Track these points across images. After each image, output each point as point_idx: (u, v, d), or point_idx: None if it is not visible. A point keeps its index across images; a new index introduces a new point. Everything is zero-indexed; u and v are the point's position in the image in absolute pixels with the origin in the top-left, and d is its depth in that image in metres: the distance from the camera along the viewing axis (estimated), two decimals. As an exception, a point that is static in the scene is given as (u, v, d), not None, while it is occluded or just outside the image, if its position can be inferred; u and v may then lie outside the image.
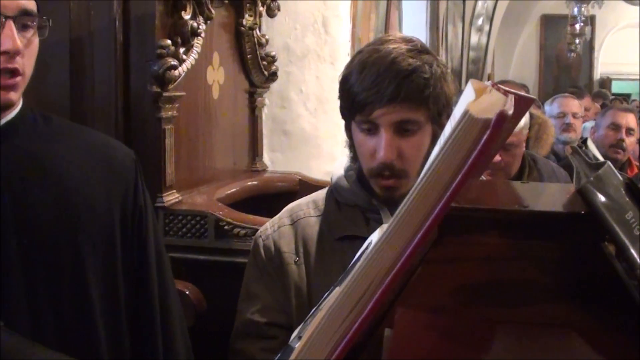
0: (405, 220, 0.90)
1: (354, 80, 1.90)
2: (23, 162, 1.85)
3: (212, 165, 3.33)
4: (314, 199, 2.14)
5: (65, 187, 1.89)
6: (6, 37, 1.73)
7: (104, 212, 1.95)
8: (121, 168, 2.02)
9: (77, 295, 1.88)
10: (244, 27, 3.50)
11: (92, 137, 2.07)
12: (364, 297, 0.91)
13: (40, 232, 1.83)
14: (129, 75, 2.84)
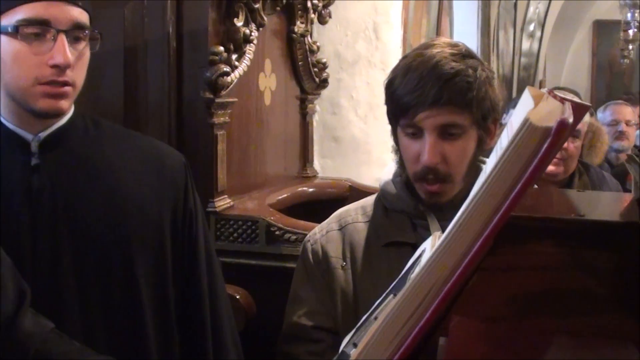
0: (464, 228, 0.90)
1: (397, 83, 1.90)
2: (75, 167, 1.89)
3: (263, 171, 3.35)
4: (362, 205, 2.14)
5: (116, 191, 1.92)
6: (58, 51, 1.77)
7: (155, 216, 1.97)
8: (172, 173, 2.04)
9: (127, 298, 1.92)
10: (295, 34, 3.52)
11: (143, 141, 2.11)
12: (422, 306, 0.91)
13: (92, 235, 1.87)
14: (182, 82, 2.87)
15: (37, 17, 1.77)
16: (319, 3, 3.61)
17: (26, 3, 1.77)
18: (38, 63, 1.78)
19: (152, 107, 2.85)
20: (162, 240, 1.98)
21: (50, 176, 1.86)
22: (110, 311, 1.90)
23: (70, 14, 1.80)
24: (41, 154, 1.86)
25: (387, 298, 1.21)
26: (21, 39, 1.77)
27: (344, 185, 3.66)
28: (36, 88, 1.79)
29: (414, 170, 1.92)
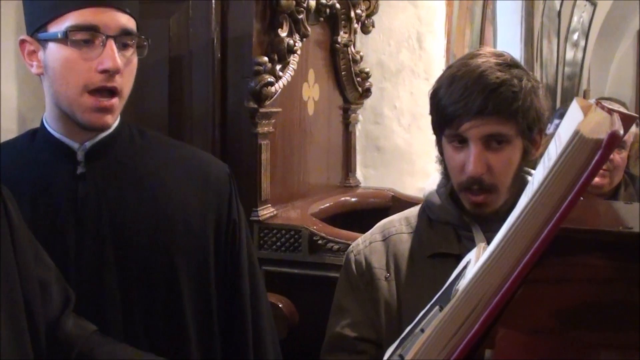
0: (514, 240, 0.90)
1: (442, 93, 1.89)
2: (120, 176, 1.91)
3: (306, 180, 3.36)
4: (406, 215, 2.14)
5: (161, 200, 1.94)
6: (107, 56, 1.79)
7: (199, 226, 1.98)
8: (216, 182, 2.05)
9: (170, 307, 1.93)
10: (338, 44, 3.53)
11: (187, 151, 2.12)
12: (470, 318, 0.91)
13: (135, 244, 1.89)
14: (226, 92, 2.90)
15: (86, 23, 1.78)
16: (362, 13, 3.62)
17: (75, 10, 1.78)
18: (87, 69, 1.79)
19: (197, 117, 2.88)
20: (205, 250, 1.99)
21: (96, 185, 1.88)
22: (153, 320, 1.91)
23: (118, 21, 1.82)
24: (87, 163, 1.89)
25: (433, 310, 1.20)
26: (71, 45, 1.79)
27: (387, 195, 3.66)
28: (84, 98, 1.81)
29: (459, 181, 1.91)
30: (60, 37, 1.79)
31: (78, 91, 1.80)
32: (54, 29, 1.80)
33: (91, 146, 1.90)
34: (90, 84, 1.80)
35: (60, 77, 1.82)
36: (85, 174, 1.88)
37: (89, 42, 1.79)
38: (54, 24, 1.80)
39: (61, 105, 1.85)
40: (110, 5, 1.81)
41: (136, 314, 1.89)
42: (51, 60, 1.82)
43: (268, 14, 2.94)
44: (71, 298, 1.75)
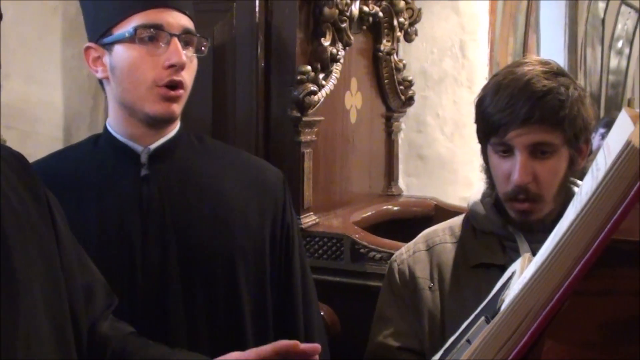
0: (564, 252, 0.89)
1: (488, 102, 1.88)
2: (182, 178, 1.99)
3: (348, 188, 3.36)
4: (450, 225, 2.13)
5: (221, 202, 2.00)
6: (172, 52, 1.88)
7: (257, 228, 2.04)
8: (272, 187, 2.12)
9: (230, 306, 1.98)
10: (381, 53, 3.53)
11: (243, 157, 2.19)
12: (519, 330, 0.90)
13: (198, 244, 1.95)
14: (269, 100, 2.91)
15: (151, 22, 1.88)
16: (405, 21, 3.61)
17: (140, 11, 1.88)
18: (154, 65, 1.88)
19: (240, 125, 2.89)
20: (262, 252, 2.05)
21: (159, 186, 1.95)
22: (214, 318, 1.97)
23: (180, 20, 1.91)
24: (150, 165, 1.96)
25: (478, 320, 1.20)
26: (138, 43, 1.88)
27: (429, 204, 3.64)
28: (153, 90, 1.89)
29: (505, 190, 1.90)
30: (128, 36, 1.88)
31: (146, 86, 1.89)
32: (119, 31, 1.90)
33: (154, 149, 1.97)
34: (159, 79, 1.89)
35: (128, 74, 1.90)
36: (149, 175, 1.96)
37: (154, 40, 1.89)
38: (119, 27, 1.90)
39: (129, 102, 1.93)
40: (172, 7, 1.91)
41: (198, 313, 1.94)
42: (118, 61, 1.91)
43: (311, 23, 2.96)
44: (113, 302, 1.78)
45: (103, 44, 1.93)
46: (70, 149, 2.16)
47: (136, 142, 1.97)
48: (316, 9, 2.94)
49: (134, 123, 1.96)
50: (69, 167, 2.01)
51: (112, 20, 1.91)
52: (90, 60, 1.97)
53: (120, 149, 1.98)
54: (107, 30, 1.92)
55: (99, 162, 1.99)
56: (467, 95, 4.05)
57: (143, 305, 1.89)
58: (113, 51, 1.91)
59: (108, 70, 1.94)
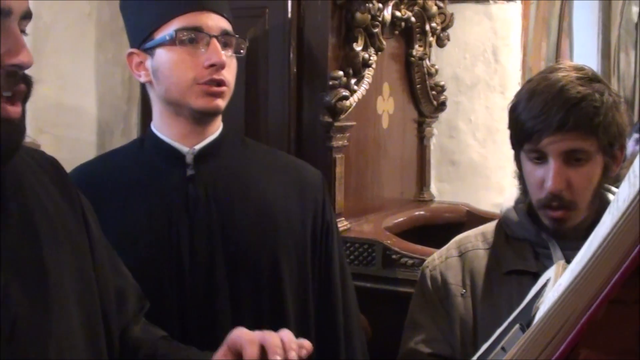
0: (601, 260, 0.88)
1: (522, 108, 1.87)
2: (226, 178, 2.04)
3: (380, 194, 3.35)
4: (483, 231, 2.11)
5: (265, 201, 2.06)
6: (212, 52, 1.95)
7: (299, 226, 2.10)
8: (312, 186, 2.17)
9: (274, 304, 2.03)
10: (413, 58, 3.52)
11: (284, 158, 2.29)
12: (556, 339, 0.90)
13: (243, 242, 2.00)
14: (301, 106, 2.92)
15: (191, 25, 1.95)
16: (437, 26, 3.61)
17: (180, 15, 1.95)
18: (195, 66, 1.95)
19: (273, 131, 2.90)
20: (304, 250, 2.10)
21: (205, 186, 2.01)
22: (259, 316, 2.00)
23: (218, 22, 1.98)
24: (195, 165, 2.02)
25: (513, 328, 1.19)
26: (179, 44, 1.95)
27: (461, 210, 3.64)
28: (195, 87, 1.95)
29: (538, 197, 1.88)
30: (169, 39, 1.95)
31: (189, 84, 1.95)
32: (160, 35, 1.97)
33: (199, 150, 2.03)
34: (200, 77, 1.95)
35: (170, 74, 1.97)
36: (195, 176, 2.01)
37: (194, 41, 1.95)
38: (159, 31, 1.97)
39: (173, 100, 1.99)
40: (210, 9, 1.98)
41: (244, 311, 1.99)
42: (160, 64, 1.98)
43: (343, 28, 2.96)
44: (145, 306, 1.79)
45: (145, 48, 2.00)
46: (116, 152, 2.23)
47: (181, 143, 2.03)
48: (348, 14, 2.95)
49: (180, 122, 2.02)
50: (116, 168, 2.08)
51: (153, 25, 1.98)
52: (133, 65, 2.05)
53: (165, 150, 2.04)
54: (149, 35, 1.99)
55: (145, 164, 2.05)
56: (500, 100, 4.03)
57: (191, 302, 1.95)
58: (155, 55, 1.98)
59: (150, 74, 2.01)
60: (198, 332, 1.94)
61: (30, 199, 1.47)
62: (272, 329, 1.94)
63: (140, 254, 1.94)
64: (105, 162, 2.16)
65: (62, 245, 1.49)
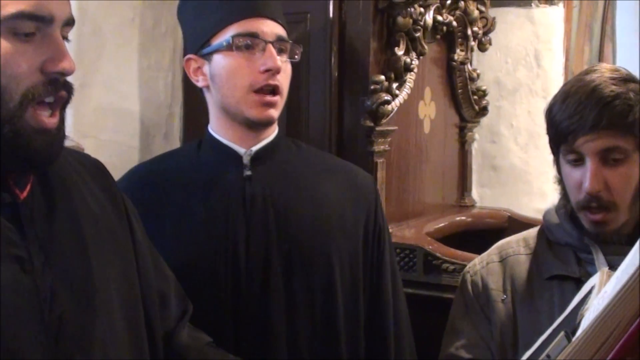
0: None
1: (557, 109, 1.87)
2: (282, 178, 2.10)
3: (421, 199, 3.35)
4: (524, 236, 2.10)
5: (319, 201, 2.11)
6: (267, 57, 2.01)
7: (351, 228, 2.14)
8: (364, 189, 2.22)
9: (326, 303, 2.08)
10: (455, 62, 3.51)
11: (337, 161, 2.36)
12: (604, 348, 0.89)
13: (298, 241, 2.06)
14: (343, 110, 2.92)
15: (247, 31, 2.02)
16: (479, 30, 3.60)
17: (236, 22, 2.03)
18: (251, 71, 2.01)
19: (314, 135, 2.90)
20: (356, 251, 2.15)
21: (262, 186, 2.07)
22: (311, 314, 2.06)
23: (274, 29, 2.05)
24: (252, 166, 2.09)
25: (558, 335, 1.18)
26: (235, 50, 2.02)
27: (503, 216, 3.62)
28: (250, 96, 2.02)
29: (577, 199, 1.87)
30: (226, 45, 2.02)
31: (244, 91, 2.02)
32: (217, 41, 2.04)
33: (256, 151, 2.10)
34: (255, 82, 2.01)
35: (227, 80, 2.04)
36: (252, 176, 2.08)
37: (251, 47, 2.02)
38: (216, 37, 2.05)
39: (229, 107, 2.06)
40: (266, 16, 2.05)
41: (298, 308, 2.05)
42: (217, 69, 2.05)
43: (385, 32, 2.96)
44: (188, 309, 1.81)
45: (202, 54, 2.07)
46: (175, 152, 2.36)
47: (239, 144, 2.09)
48: (390, 18, 2.95)
49: (235, 127, 2.08)
50: (175, 168, 2.15)
51: (210, 32, 2.05)
52: (191, 70, 2.12)
53: (223, 151, 2.10)
54: (206, 42, 2.06)
55: (203, 164, 2.12)
56: (542, 105, 3.95)
57: (245, 298, 2.00)
58: (212, 60, 2.05)
59: (208, 79, 2.08)
60: (251, 328, 2.00)
61: (77, 202, 1.49)
62: (323, 328, 2.03)
63: (198, 250, 2.02)
64: (165, 162, 2.23)
65: (107, 248, 1.51)
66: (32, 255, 1.34)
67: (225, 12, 2.03)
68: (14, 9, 1.28)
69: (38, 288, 1.33)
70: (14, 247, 1.32)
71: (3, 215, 1.34)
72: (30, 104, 1.31)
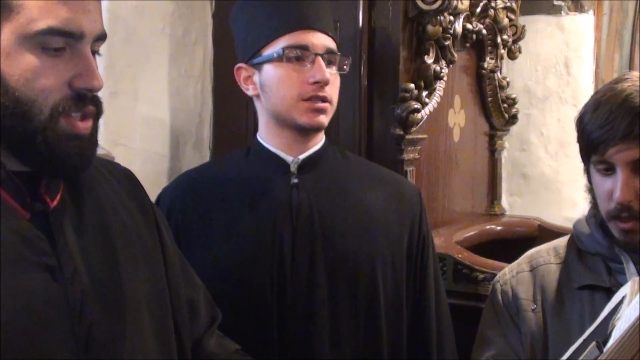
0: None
1: (587, 119, 1.85)
2: (328, 186, 2.14)
3: (451, 207, 3.34)
4: (555, 246, 2.09)
5: (364, 210, 2.14)
6: (317, 69, 2.06)
7: (396, 237, 2.16)
8: (410, 199, 2.24)
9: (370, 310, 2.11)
10: (485, 70, 3.51)
11: (382, 171, 2.35)
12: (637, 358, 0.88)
13: (342, 249, 2.09)
14: (372, 118, 2.92)
15: (298, 43, 2.07)
16: (509, 38, 3.59)
17: (287, 33, 2.07)
18: (300, 82, 2.06)
19: (344, 143, 2.89)
20: (400, 260, 2.18)
21: (308, 194, 2.12)
22: (354, 322, 2.09)
23: (324, 41, 2.10)
24: (299, 174, 2.14)
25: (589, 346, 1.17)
26: (286, 61, 2.07)
27: (533, 224, 3.60)
28: (300, 104, 2.07)
29: (607, 209, 1.86)
30: (277, 56, 2.07)
31: (294, 100, 2.07)
32: (268, 52, 2.10)
33: (303, 159, 2.14)
34: (304, 93, 2.07)
35: (277, 90, 2.09)
36: (298, 184, 2.12)
37: (300, 59, 2.07)
38: (267, 48, 2.10)
39: (279, 114, 2.11)
40: (316, 28, 2.09)
41: (341, 315, 2.08)
42: (267, 79, 2.10)
43: (415, 41, 2.96)
44: (217, 318, 1.81)
45: (253, 64, 2.13)
46: (223, 158, 2.43)
47: (286, 152, 2.14)
48: (420, 27, 2.94)
49: (285, 134, 2.13)
50: (223, 174, 2.21)
51: (262, 42, 2.10)
52: (241, 79, 2.17)
53: (271, 159, 2.15)
54: (257, 52, 2.11)
55: (251, 170, 2.17)
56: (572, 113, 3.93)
57: (290, 302, 2.04)
58: (262, 70, 2.11)
59: (258, 88, 2.13)
60: (295, 335, 2.03)
61: (107, 211, 1.50)
62: (366, 336, 2.06)
63: (245, 256, 2.06)
64: (213, 169, 2.31)
65: (136, 256, 1.51)
66: (62, 264, 1.35)
67: (277, 23, 2.08)
68: (44, 24, 1.29)
69: (68, 297, 1.34)
70: (44, 256, 1.33)
71: (34, 223, 1.35)
72: (60, 116, 1.32)
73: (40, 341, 1.29)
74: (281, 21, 2.08)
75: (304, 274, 2.05)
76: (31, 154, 1.33)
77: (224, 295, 1.97)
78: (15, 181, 1.35)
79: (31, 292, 1.30)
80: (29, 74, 1.30)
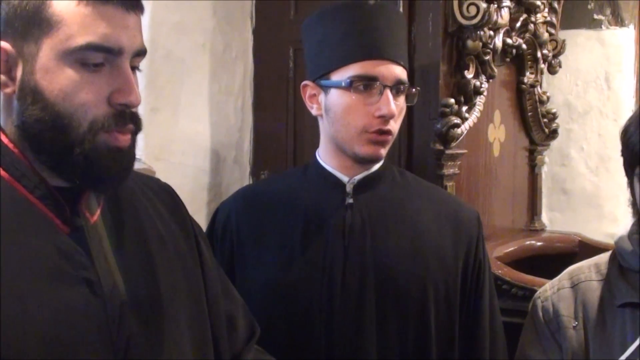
0: None
1: (632, 131, 1.84)
2: (383, 208, 2.13)
3: (491, 222, 3.33)
4: (596, 262, 2.07)
5: (418, 234, 2.12)
6: (384, 103, 2.02)
7: (450, 261, 2.13)
8: (467, 224, 2.20)
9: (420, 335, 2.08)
10: (524, 85, 3.50)
11: (441, 193, 2.37)
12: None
13: (393, 271, 2.07)
14: (412, 133, 2.93)
15: (367, 74, 2.03)
16: (549, 53, 3.58)
17: (358, 61, 2.03)
18: (366, 113, 2.03)
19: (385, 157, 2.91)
20: (454, 285, 2.13)
21: (361, 214, 2.10)
22: (404, 345, 2.06)
23: (394, 72, 2.05)
24: (354, 194, 2.12)
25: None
26: (353, 92, 2.03)
27: (573, 240, 3.57)
28: (362, 135, 2.04)
29: None
30: (345, 86, 2.04)
31: (357, 132, 2.04)
32: (336, 77, 2.06)
33: (359, 180, 2.13)
34: (369, 126, 2.03)
35: (341, 118, 2.06)
36: (353, 204, 2.11)
37: (368, 89, 2.03)
38: (336, 73, 2.06)
39: (339, 142, 2.10)
40: (388, 58, 2.05)
41: (390, 338, 2.06)
42: (333, 105, 2.07)
43: (455, 56, 2.96)
44: (256, 332, 1.81)
45: (321, 84, 2.10)
46: (282, 175, 2.48)
47: (343, 173, 2.13)
48: (459, 42, 2.95)
49: (343, 158, 2.12)
50: (281, 190, 2.21)
51: (332, 66, 2.07)
52: (306, 96, 2.15)
53: (327, 178, 2.15)
54: (326, 74, 2.08)
55: (307, 188, 2.17)
56: (613, 128, 3.96)
57: (339, 323, 2.03)
58: (329, 93, 2.08)
59: (322, 109, 2.11)
60: (343, 354, 2.01)
61: (145, 225, 1.51)
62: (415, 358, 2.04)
63: (296, 273, 2.06)
64: (271, 185, 2.32)
65: (175, 269, 1.52)
66: (101, 279, 1.36)
67: (348, 48, 2.05)
68: (83, 40, 1.31)
69: (107, 311, 1.35)
70: (83, 270, 1.34)
71: (73, 238, 1.36)
72: (100, 130, 1.34)
73: (79, 355, 1.30)
74: (353, 47, 2.05)
75: (353, 294, 2.04)
76: (70, 166, 1.34)
77: (273, 314, 2.02)
78: (56, 196, 1.36)
79: (71, 306, 1.31)
80: (69, 89, 1.31)
